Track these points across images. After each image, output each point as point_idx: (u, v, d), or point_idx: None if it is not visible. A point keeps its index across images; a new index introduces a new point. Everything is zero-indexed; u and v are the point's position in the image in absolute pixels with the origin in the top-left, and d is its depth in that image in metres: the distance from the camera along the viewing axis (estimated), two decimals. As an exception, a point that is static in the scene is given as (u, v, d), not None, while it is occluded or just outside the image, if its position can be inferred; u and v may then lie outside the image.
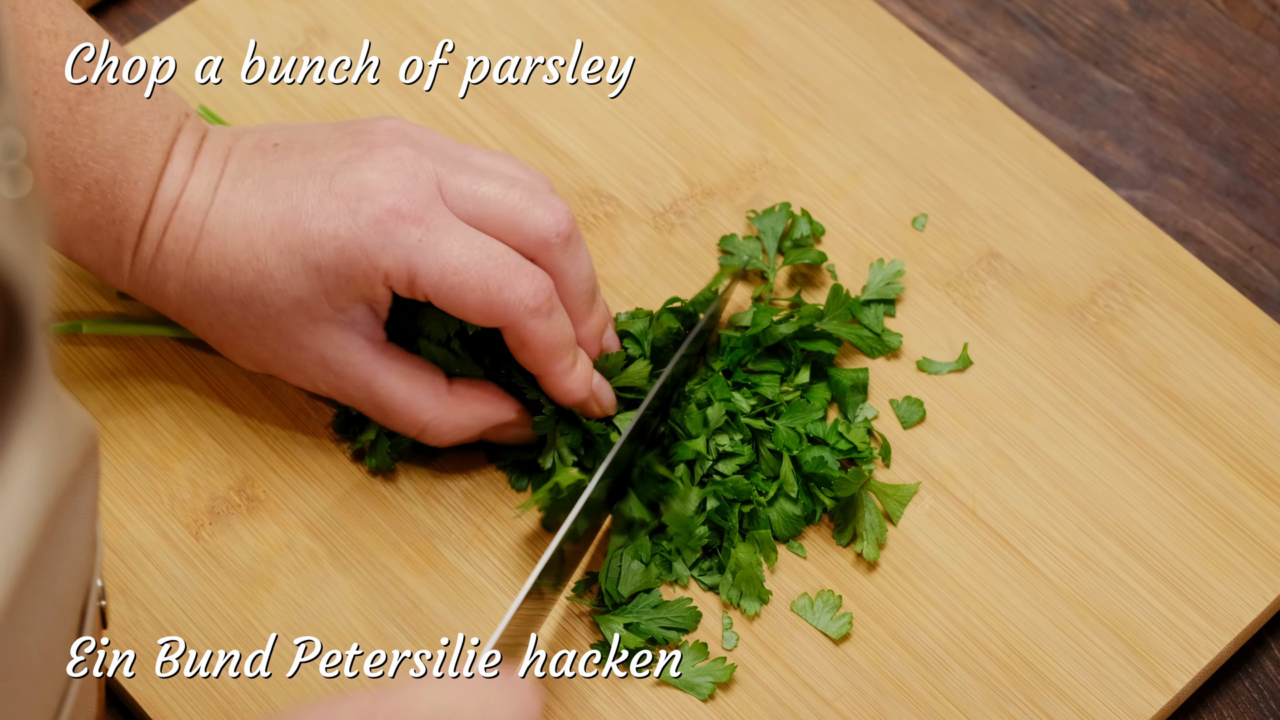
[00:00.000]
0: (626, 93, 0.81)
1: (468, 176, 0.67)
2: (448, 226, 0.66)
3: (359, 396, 0.69)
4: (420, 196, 0.66)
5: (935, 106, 0.81)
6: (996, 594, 0.70)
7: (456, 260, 0.65)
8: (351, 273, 0.66)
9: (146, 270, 0.68)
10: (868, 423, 0.73)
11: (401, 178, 0.66)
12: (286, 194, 0.66)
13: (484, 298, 0.66)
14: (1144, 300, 0.77)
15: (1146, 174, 0.82)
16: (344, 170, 0.66)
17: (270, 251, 0.66)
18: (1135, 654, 0.69)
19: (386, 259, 0.65)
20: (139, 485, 0.72)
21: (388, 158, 0.66)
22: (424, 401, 0.69)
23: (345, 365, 0.68)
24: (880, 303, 0.75)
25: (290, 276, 0.66)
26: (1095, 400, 0.75)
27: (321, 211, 0.65)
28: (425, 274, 0.65)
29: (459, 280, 0.66)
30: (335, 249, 0.65)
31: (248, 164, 0.67)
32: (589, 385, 0.70)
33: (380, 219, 0.65)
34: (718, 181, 0.79)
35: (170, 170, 0.67)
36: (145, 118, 0.66)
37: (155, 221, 0.67)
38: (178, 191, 0.66)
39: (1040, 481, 0.73)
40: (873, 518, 0.70)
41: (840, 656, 0.69)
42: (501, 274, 0.66)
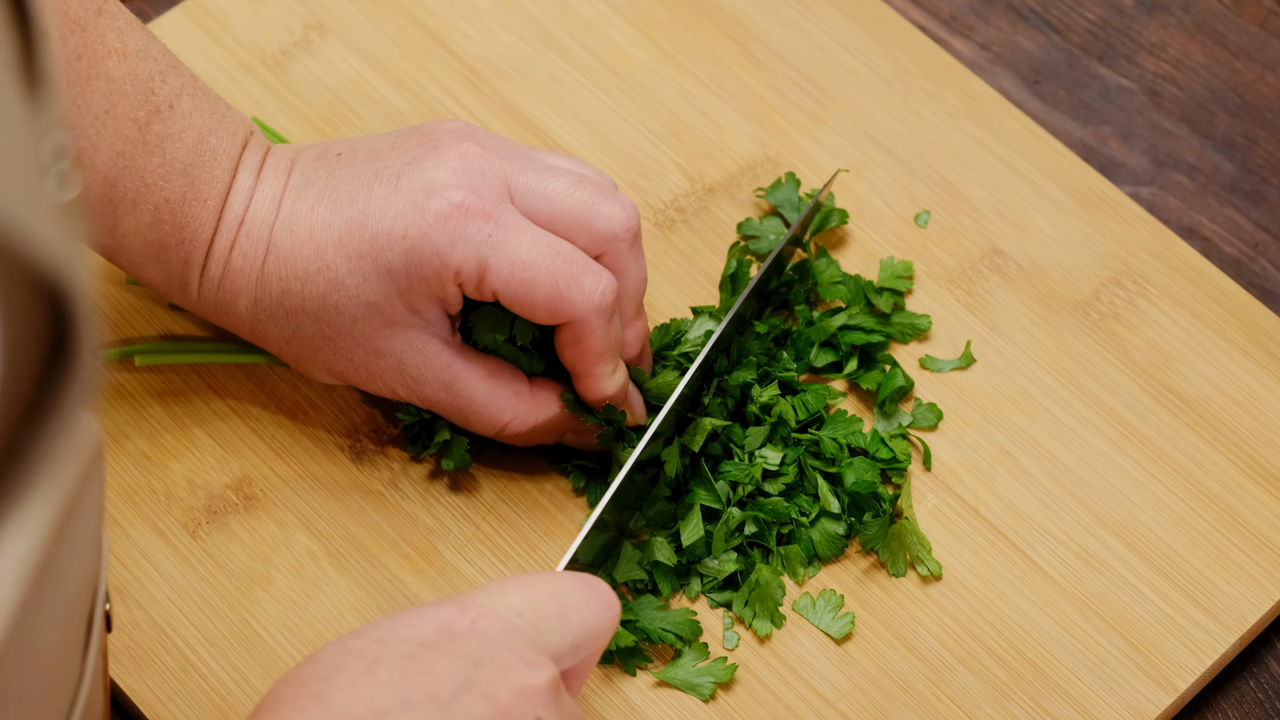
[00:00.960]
0: (627, 88, 0.81)
1: (535, 174, 0.67)
2: (516, 224, 0.66)
3: (439, 399, 0.69)
4: (488, 193, 0.66)
5: (938, 102, 0.81)
6: (999, 593, 0.70)
7: (526, 256, 0.65)
8: (423, 272, 0.65)
9: (215, 289, 0.68)
10: (904, 429, 0.73)
11: (469, 175, 0.66)
12: (352, 199, 0.66)
13: (552, 294, 0.66)
14: (1148, 297, 0.77)
15: (1151, 170, 0.82)
16: (409, 170, 0.66)
17: (339, 259, 0.66)
18: (1139, 654, 0.69)
19: (457, 255, 0.65)
20: (136, 484, 0.72)
21: (454, 155, 0.66)
22: (504, 402, 0.69)
23: (424, 368, 0.68)
24: (891, 291, 0.76)
25: (362, 282, 0.66)
26: (1099, 398, 0.74)
27: (389, 212, 0.65)
28: (495, 269, 0.65)
29: (529, 275, 0.65)
30: (405, 249, 0.65)
31: (311, 174, 0.67)
32: (625, 392, 0.70)
33: (449, 215, 0.65)
34: (719, 177, 0.79)
35: (236, 186, 0.67)
36: (214, 135, 0.66)
37: (222, 239, 0.67)
38: (243, 207, 0.67)
39: (1044, 480, 0.73)
40: (913, 538, 0.70)
41: (842, 656, 0.69)
42: (570, 270, 0.66)
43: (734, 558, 0.70)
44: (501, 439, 0.70)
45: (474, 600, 0.54)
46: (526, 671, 0.53)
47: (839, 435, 0.71)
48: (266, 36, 0.81)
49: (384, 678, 0.51)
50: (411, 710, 0.50)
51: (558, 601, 0.55)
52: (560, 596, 0.55)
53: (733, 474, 0.70)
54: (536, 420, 0.69)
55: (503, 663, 0.53)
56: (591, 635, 0.56)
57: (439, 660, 0.52)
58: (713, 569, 0.69)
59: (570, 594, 0.56)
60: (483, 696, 0.52)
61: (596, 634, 0.56)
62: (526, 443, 0.71)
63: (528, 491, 0.73)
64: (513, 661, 0.53)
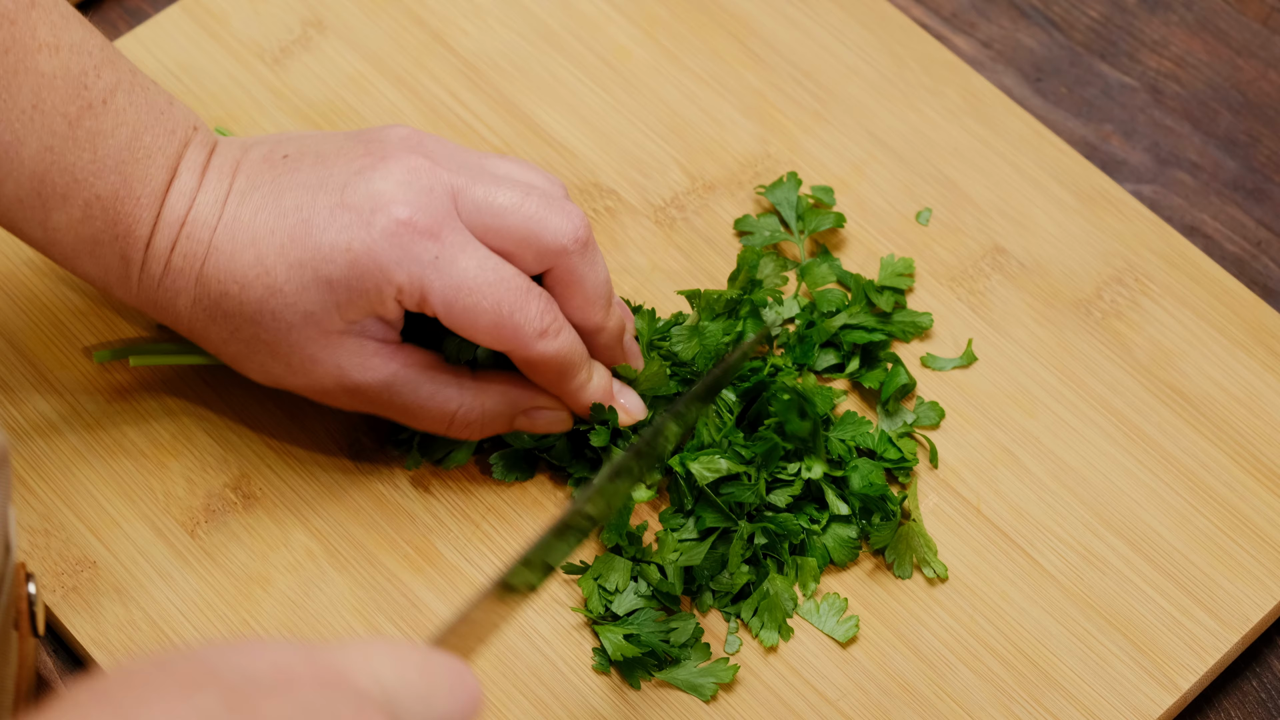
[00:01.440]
0: (627, 85, 0.81)
1: (483, 186, 0.67)
2: (462, 244, 0.66)
3: (381, 400, 0.69)
4: (435, 210, 0.65)
5: (939, 100, 0.81)
6: (1001, 592, 0.70)
7: (471, 280, 0.65)
8: (364, 286, 0.65)
9: (155, 287, 0.68)
10: (909, 427, 0.72)
11: (416, 190, 0.65)
12: (297, 207, 0.66)
13: (495, 320, 0.66)
14: (1150, 295, 0.77)
15: (1153, 168, 0.81)
16: (356, 181, 0.66)
17: (280, 266, 0.66)
18: (1141, 653, 0.69)
19: (400, 274, 0.65)
20: (134, 483, 0.72)
21: (401, 168, 0.66)
22: (448, 390, 0.68)
23: (363, 371, 0.68)
24: (892, 290, 0.75)
25: (301, 290, 0.66)
26: (1101, 396, 0.74)
27: (334, 224, 0.65)
28: (438, 292, 0.65)
29: (472, 301, 0.65)
30: (347, 261, 0.65)
31: (256, 177, 0.67)
32: (608, 395, 0.70)
33: (395, 231, 0.65)
34: (719, 175, 0.79)
35: (176, 186, 0.67)
36: (149, 133, 0.66)
37: (162, 238, 0.67)
38: (185, 208, 0.66)
39: (1046, 479, 0.73)
40: (920, 539, 0.70)
41: (843, 656, 0.69)
42: (513, 297, 0.66)
43: (746, 570, 0.69)
44: (453, 433, 0.70)
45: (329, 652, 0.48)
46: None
47: (847, 437, 0.71)
48: (265, 34, 0.81)
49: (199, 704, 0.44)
50: None
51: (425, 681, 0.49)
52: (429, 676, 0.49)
53: (736, 495, 0.69)
54: (485, 406, 0.69)
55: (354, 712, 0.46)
56: None
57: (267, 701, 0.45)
58: (725, 583, 0.69)
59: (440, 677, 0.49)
60: None
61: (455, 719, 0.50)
62: (480, 434, 0.70)
63: (528, 490, 0.73)
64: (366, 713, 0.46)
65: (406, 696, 0.48)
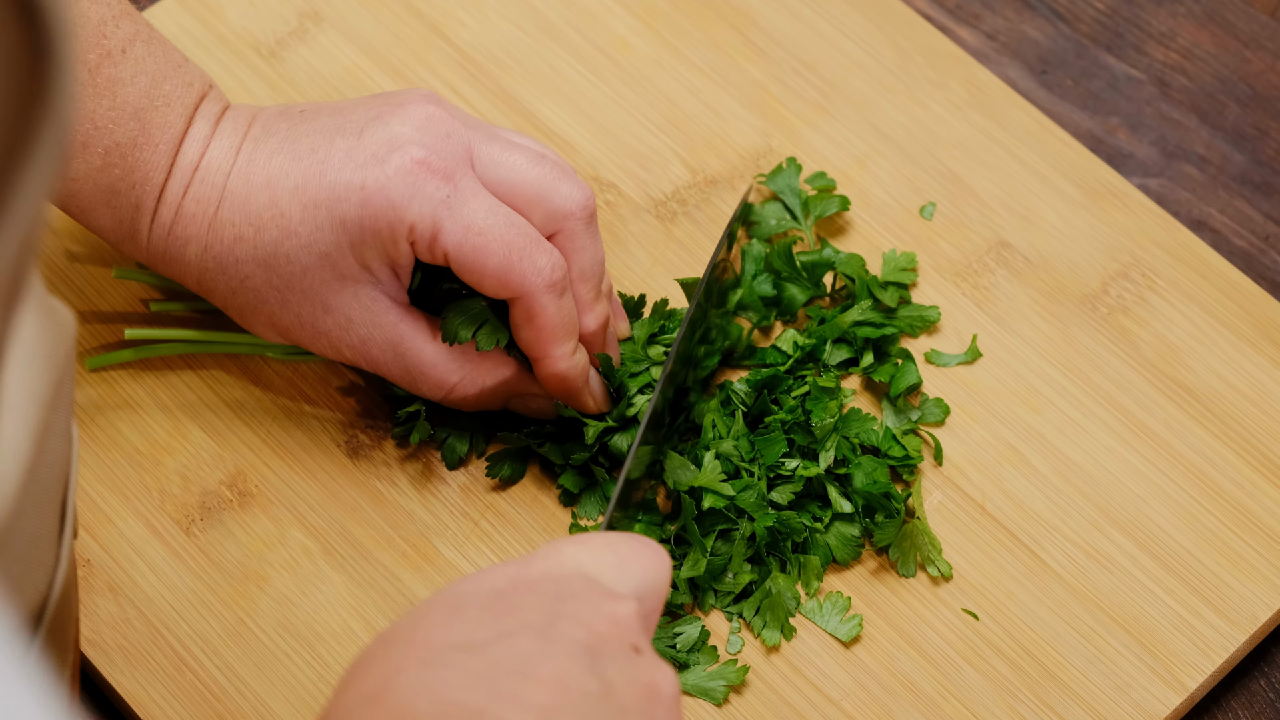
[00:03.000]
0: (627, 78, 0.81)
1: (498, 145, 0.68)
2: (474, 189, 0.66)
3: (385, 359, 0.69)
4: (450, 154, 0.66)
5: (944, 93, 0.81)
6: (1007, 591, 0.70)
7: (482, 222, 0.66)
8: (377, 225, 0.66)
9: (165, 236, 0.68)
10: (913, 424, 0.72)
11: (433, 134, 0.67)
12: (312, 149, 0.67)
13: (504, 263, 0.66)
14: (1157, 291, 0.77)
15: (1160, 161, 0.81)
16: (373, 125, 0.67)
17: (294, 207, 0.66)
18: (1148, 653, 0.69)
19: (412, 212, 0.66)
20: (128, 480, 0.72)
21: (419, 114, 0.67)
22: (451, 363, 0.69)
23: (372, 326, 0.68)
24: (896, 285, 0.75)
25: (315, 231, 0.66)
26: (1107, 393, 0.74)
27: (349, 164, 0.66)
28: (449, 231, 0.66)
29: (482, 242, 0.66)
30: (360, 200, 0.66)
31: (272, 125, 0.68)
32: (584, 376, 0.70)
33: (409, 170, 0.66)
34: (721, 169, 0.79)
35: (192, 134, 0.67)
36: (168, 82, 0.67)
37: (175, 184, 0.67)
38: (199, 154, 0.67)
39: (1051, 476, 0.73)
40: (924, 538, 0.70)
41: (847, 656, 0.69)
42: (523, 243, 0.66)
43: (749, 569, 0.69)
44: (449, 402, 0.70)
45: (534, 558, 0.54)
46: (613, 603, 0.52)
47: (852, 434, 0.71)
48: (261, 26, 0.81)
49: (473, 617, 0.51)
50: (509, 638, 0.50)
51: (614, 552, 0.55)
52: (615, 548, 0.55)
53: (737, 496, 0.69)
54: (485, 383, 0.70)
55: (587, 598, 0.52)
56: (651, 586, 0.55)
57: (523, 599, 0.52)
58: (728, 583, 0.69)
59: (624, 546, 0.55)
60: (577, 623, 0.51)
61: (656, 584, 0.56)
62: (474, 407, 0.71)
63: (527, 487, 0.73)
64: (596, 595, 0.52)
65: (605, 568, 0.54)
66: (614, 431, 0.71)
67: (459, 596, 0.52)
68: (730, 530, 0.69)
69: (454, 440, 0.72)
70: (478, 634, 0.51)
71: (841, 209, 0.77)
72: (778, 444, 0.71)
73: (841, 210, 0.77)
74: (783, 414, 0.71)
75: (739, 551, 0.69)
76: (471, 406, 0.71)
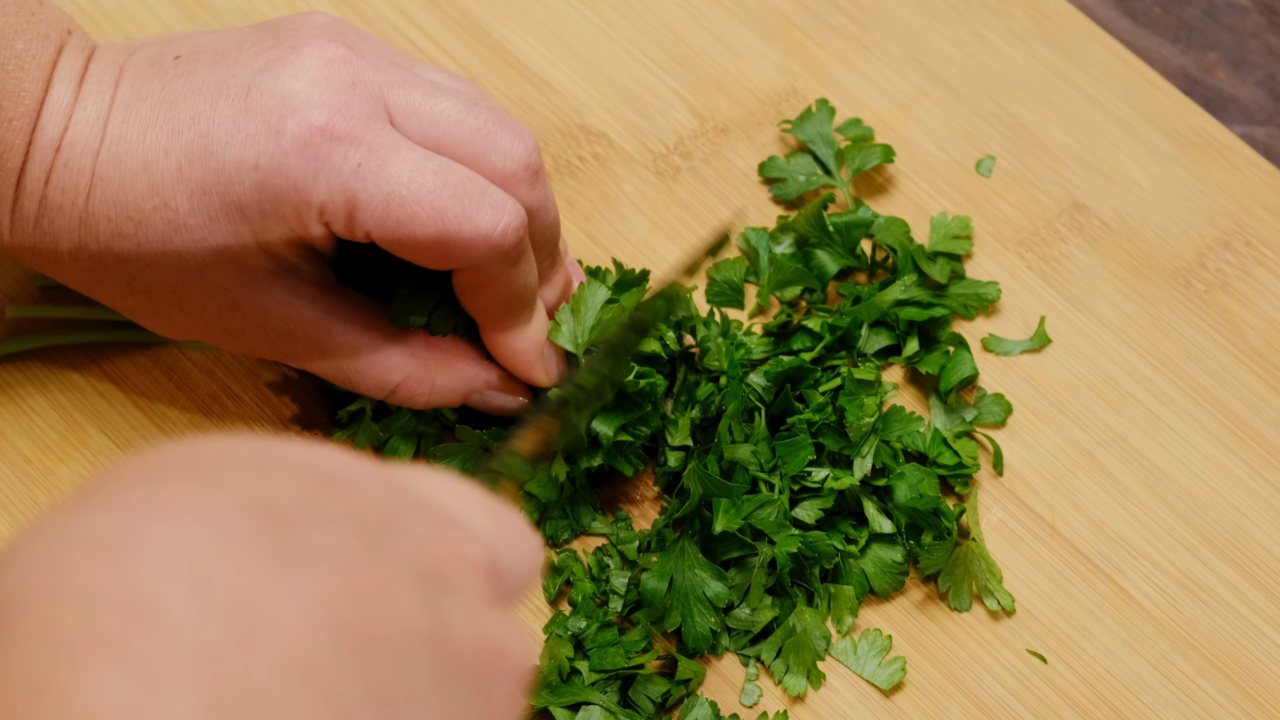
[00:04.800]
0: (621, 5, 0.80)
1: (420, 91, 0.66)
2: (393, 147, 0.64)
3: (312, 357, 0.68)
4: (358, 111, 0.64)
5: (1005, 22, 0.81)
6: (1081, 628, 0.69)
7: (405, 188, 0.64)
8: (280, 210, 0.64)
9: (31, 230, 0.66)
10: (968, 425, 0.72)
11: (334, 88, 0.64)
12: (193, 119, 0.64)
13: (438, 234, 0.64)
14: (1264, 263, 0.76)
15: (1268, 106, 0.81)
16: (262, 80, 0.64)
17: (180, 195, 0.64)
18: (1253, 702, 0.68)
19: (319, 190, 0.63)
20: (13, 493, 0.71)
21: (317, 61, 0.64)
22: (392, 359, 0.68)
23: (292, 322, 0.67)
24: (947, 256, 0.74)
25: (208, 223, 0.64)
26: (1204, 387, 0.74)
27: (238, 136, 0.64)
28: (367, 206, 0.64)
29: (408, 213, 0.64)
30: (256, 182, 0.64)
31: (143, 85, 0.66)
32: (540, 348, 0.69)
33: (309, 140, 0.63)
34: (734, 116, 0.78)
35: (50, 102, 0.65)
36: (20, 38, 0.64)
37: (35, 168, 0.65)
38: (59, 130, 0.65)
39: (1135, 489, 0.72)
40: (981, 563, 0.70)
41: (887, 707, 0.68)
42: (460, 205, 0.64)
43: (769, 603, 0.69)
44: (394, 401, 0.70)
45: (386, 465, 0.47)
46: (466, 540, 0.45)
47: (894, 437, 0.70)
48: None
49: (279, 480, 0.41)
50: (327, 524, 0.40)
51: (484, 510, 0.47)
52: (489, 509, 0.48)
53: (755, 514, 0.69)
54: (435, 381, 0.69)
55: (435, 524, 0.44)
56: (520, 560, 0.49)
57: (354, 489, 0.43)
58: (745, 620, 0.68)
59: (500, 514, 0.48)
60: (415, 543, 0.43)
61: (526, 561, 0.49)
62: (425, 405, 0.70)
63: None
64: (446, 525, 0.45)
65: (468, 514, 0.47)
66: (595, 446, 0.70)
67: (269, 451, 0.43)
68: (746, 556, 0.69)
69: (398, 442, 0.71)
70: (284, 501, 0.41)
71: (884, 160, 0.76)
72: (803, 450, 0.69)
73: (883, 163, 0.77)
74: (809, 413, 0.70)
75: (756, 581, 0.68)
76: (422, 405, 0.70)
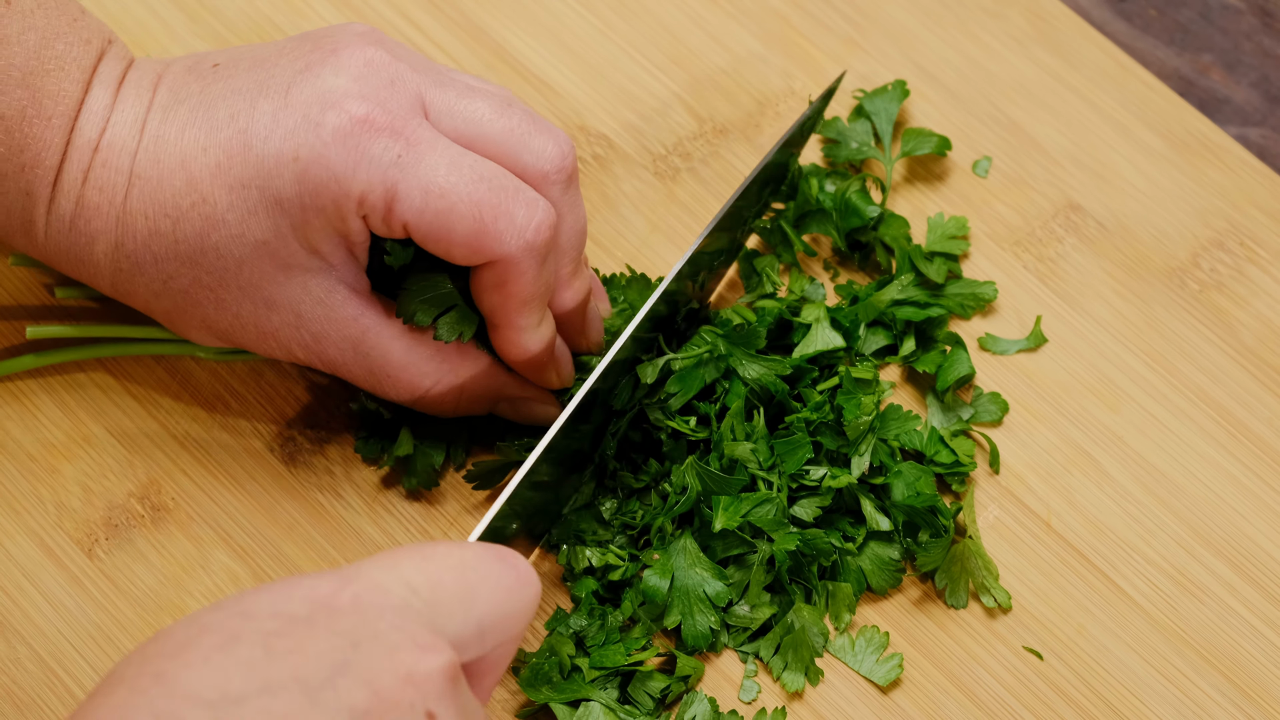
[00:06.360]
0: (621, 6, 0.81)
1: (455, 91, 0.67)
2: (431, 141, 0.65)
3: (345, 359, 0.68)
4: (397, 105, 0.65)
5: (1001, 24, 0.81)
6: (1077, 625, 0.70)
7: (444, 181, 0.64)
8: (319, 201, 0.64)
9: (67, 230, 0.66)
10: (965, 424, 0.73)
11: (374, 83, 0.65)
12: (232, 116, 0.65)
13: (475, 228, 0.65)
14: (1258, 263, 0.76)
15: (1262, 107, 0.82)
16: (302, 79, 0.65)
17: (218, 190, 0.65)
18: (1246, 698, 0.69)
19: (359, 180, 0.64)
20: (18, 491, 0.71)
21: (357, 60, 0.65)
22: (424, 363, 0.68)
23: (327, 322, 0.67)
24: (944, 256, 0.75)
25: (247, 217, 0.65)
26: (1199, 386, 0.74)
27: (277, 130, 0.65)
28: (406, 197, 0.64)
29: (446, 205, 0.64)
30: (296, 174, 0.64)
31: (181, 90, 0.67)
32: (550, 350, 0.69)
33: (349, 132, 0.64)
34: (733, 117, 0.79)
35: (89, 105, 0.66)
36: (61, 40, 0.65)
37: (72, 168, 0.66)
38: (98, 131, 0.66)
39: (1131, 486, 0.72)
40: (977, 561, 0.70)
41: (885, 704, 0.69)
42: (497, 199, 0.65)
43: (767, 600, 0.69)
44: (421, 407, 0.70)
45: (359, 572, 0.53)
46: (417, 655, 0.51)
47: (891, 436, 0.70)
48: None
49: (243, 656, 0.50)
50: (272, 695, 0.50)
51: (461, 577, 0.54)
52: (464, 571, 0.54)
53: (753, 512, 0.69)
54: (463, 385, 0.69)
55: (388, 643, 0.51)
56: (503, 618, 0.54)
57: (311, 638, 0.51)
58: (744, 617, 0.69)
59: (477, 569, 0.54)
60: (361, 682, 0.50)
61: (509, 617, 0.54)
62: (453, 413, 0.70)
63: None
64: (401, 642, 0.52)
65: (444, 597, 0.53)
66: None
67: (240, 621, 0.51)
68: (745, 554, 0.69)
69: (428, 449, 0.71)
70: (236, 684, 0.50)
71: (937, 152, 0.77)
72: (801, 448, 0.70)
73: (937, 154, 0.77)
74: (807, 412, 0.71)
75: (756, 579, 0.69)
76: (450, 412, 0.70)
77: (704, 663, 0.68)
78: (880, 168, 0.77)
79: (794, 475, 0.70)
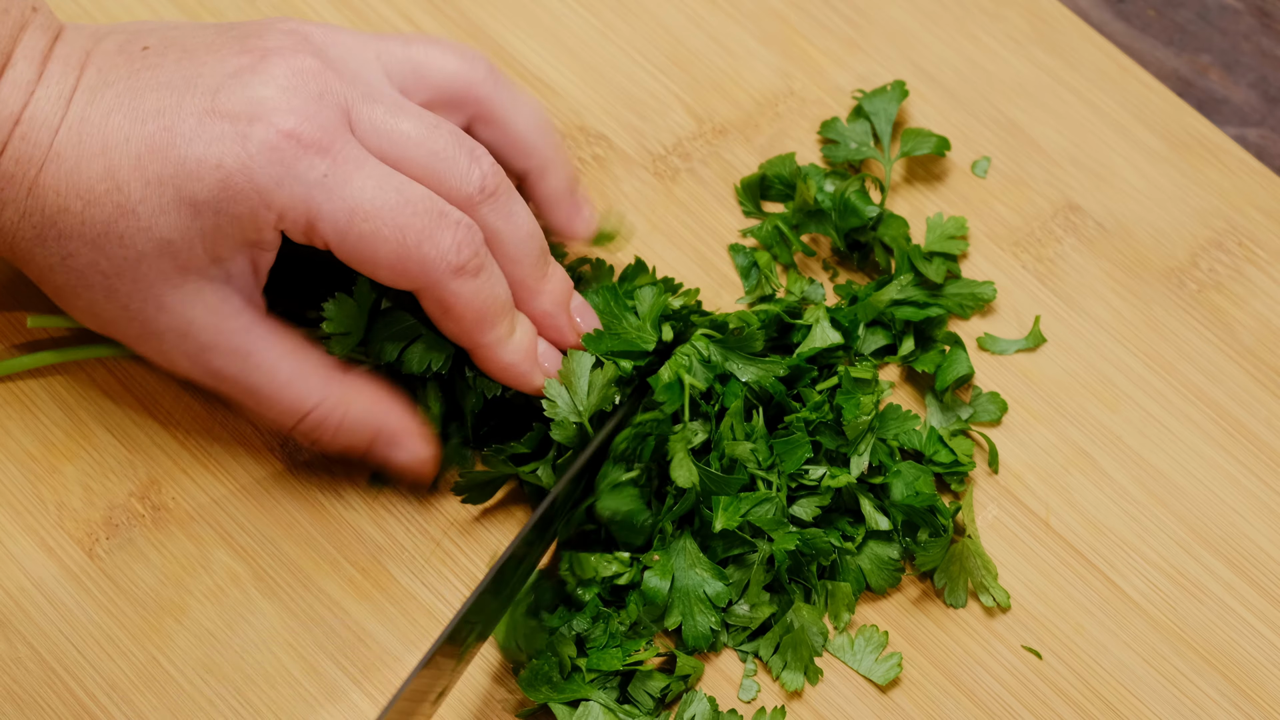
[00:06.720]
0: (620, 7, 0.81)
1: (384, 107, 0.67)
2: (358, 160, 0.65)
3: (228, 373, 0.68)
4: (325, 121, 0.65)
5: (1000, 25, 0.81)
6: (1075, 624, 0.70)
7: (369, 203, 0.65)
8: (237, 211, 0.64)
9: None
10: (964, 424, 0.73)
11: (303, 97, 0.65)
12: (159, 111, 0.65)
13: (399, 251, 0.65)
14: (1256, 263, 0.77)
15: (1260, 107, 0.82)
16: (231, 84, 0.65)
17: (135, 181, 0.65)
18: (1245, 698, 0.69)
19: (282, 196, 0.64)
20: (19, 491, 0.72)
21: (286, 70, 0.66)
22: (310, 382, 0.68)
23: (217, 332, 0.67)
24: (943, 256, 0.75)
25: (158, 213, 0.65)
26: (1197, 386, 0.75)
27: (203, 135, 0.65)
28: (329, 217, 0.64)
29: (370, 228, 0.64)
30: (218, 181, 0.64)
31: (110, 72, 0.66)
32: (531, 356, 0.69)
33: (277, 146, 0.64)
34: (732, 117, 0.79)
35: (10, 77, 0.65)
36: None
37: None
38: (20, 104, 0.65)
39: (1129, 486, 0.73)
40: (976, 560, 0.70)
41: (884, 703, 0.69)
42: (421, 222, 0.65)
43: (767, 599, 0.69)
44: (299, 435, 0.69)
45: None
46: None
47: (890, 435, 0.70)
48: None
49: None
50: None
51: None
52: None
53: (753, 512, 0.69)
54: (348, 412, 0.69)
55: None
56: None
57: None
58: (743, 617, 0.69)
59: None
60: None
61: None
62: (331, 446, 0.69)
63: (499, 500, 0.72)
64: None
65: None
66: None
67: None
68: (745, 553, 0.69)
69: None
70: None
71: (936, 152, 0.77)
72: (800, 448, 0.70)
73: (936, 154, 0.77)
74: (806, 411, 0.71)
75: (755, 578, 0.69)
76: (329, 441, 0.69)
77: (703, 662, 0.68)
78: (879, 168, 0.77)
79: (793, 475, 0.70)
